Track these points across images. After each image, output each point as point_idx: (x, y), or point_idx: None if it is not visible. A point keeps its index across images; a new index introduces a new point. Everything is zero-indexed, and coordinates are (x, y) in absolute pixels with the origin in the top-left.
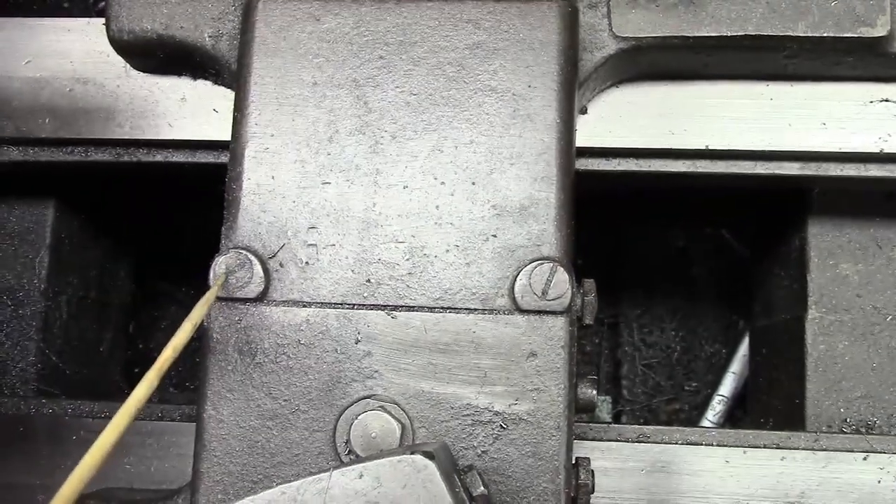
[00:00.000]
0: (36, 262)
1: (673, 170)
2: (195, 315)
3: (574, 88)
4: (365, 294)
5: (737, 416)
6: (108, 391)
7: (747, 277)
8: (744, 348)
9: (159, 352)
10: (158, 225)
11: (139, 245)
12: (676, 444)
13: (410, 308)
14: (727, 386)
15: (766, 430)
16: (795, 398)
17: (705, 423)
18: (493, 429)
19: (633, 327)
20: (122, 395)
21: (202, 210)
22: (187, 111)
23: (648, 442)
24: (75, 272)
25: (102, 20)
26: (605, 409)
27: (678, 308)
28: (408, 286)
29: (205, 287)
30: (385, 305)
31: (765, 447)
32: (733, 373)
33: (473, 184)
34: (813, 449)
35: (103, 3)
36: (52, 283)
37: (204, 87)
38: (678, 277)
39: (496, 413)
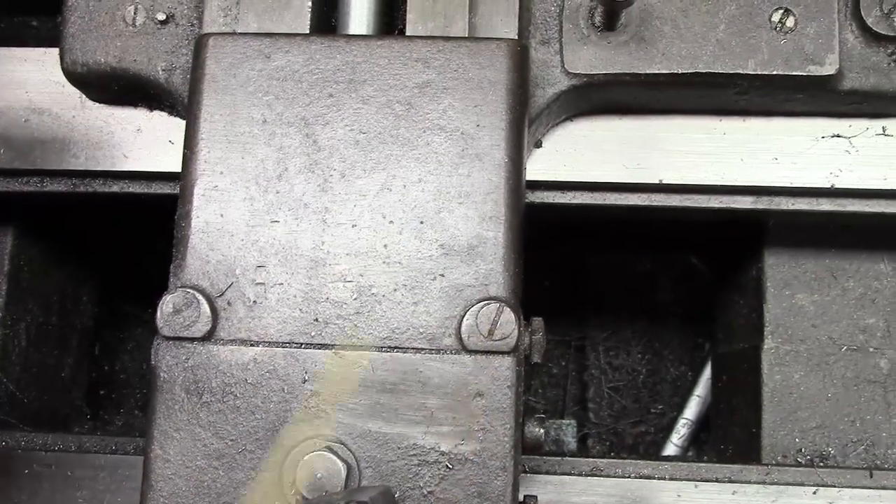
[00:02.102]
0: None
1: (628, 203)
2: None
3: (524, 127)
4: (312, 333)
5: (702, 438)
6: (69, 417)
7: (711, 302)
8: (708, 372)
9: (125, 373)
10: (123, 246)
11: (103, 267)
12: (629, 477)
13: (358, 347)
14: (692, 409)
15: (719, 462)
16: (752, 427)
17: (670, 446)
18: (438, 469)
19: (599, 350)
20: (84, 421)
21: (167, 231)
22: (143, 142)
23: (602, 475)
24: (35, 299)
25: (58, 50)
26: (569, 432)
27: (644, 331)
28: (355, 325)
29: None
30: (332, 345)
31: (717, 481)
32: (698, 396)
33: (422, 223)
34: (764, 483)
35: None
36: (9, 311)
37: (160, 118)
38: (645, 300)
39: (442, 453)
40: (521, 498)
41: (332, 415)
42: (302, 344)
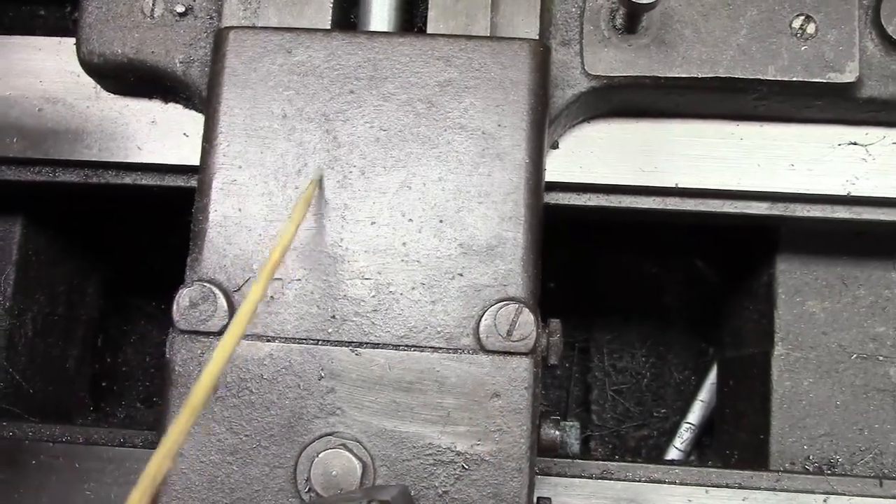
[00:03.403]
0: (1, 279)
1: (643, 206)
2: (297, 215)
3: (544, 127)
4: (330, 330)
5: (704, 443)
6: (73, 408)
7: (718, 307)
8: (713, 377)
9: (128, 366)
10: (129, 239)
11: (109, 259)
12: (639, 481)
13: (375, 345)
14: (695, 414)
15: (729, 467)
16: (760, 433)
17: (673, 450)
18: (454, 469)
19: (603, 352)
20: (88, 412)
21: (173, 224)
22: (157, 134)
23: (612, 479)
24: (42, 289)
25: (73, 40)
26: (573, 434)
27: (649, 335)
28: (373, 323)
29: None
30: (349, 342)
31: (727, 486)
32: (702, 401)
33: (441, 221)
34: (775, 489)
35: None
36: (17, 300)
37: (175, 110)
38: (650, 304)
39: (458, 453)
40: (535, 500)
41: (348, 412)
42: (319, 340)
